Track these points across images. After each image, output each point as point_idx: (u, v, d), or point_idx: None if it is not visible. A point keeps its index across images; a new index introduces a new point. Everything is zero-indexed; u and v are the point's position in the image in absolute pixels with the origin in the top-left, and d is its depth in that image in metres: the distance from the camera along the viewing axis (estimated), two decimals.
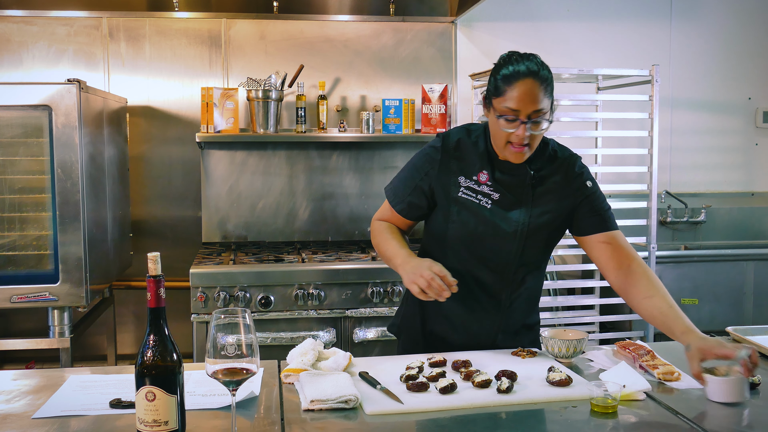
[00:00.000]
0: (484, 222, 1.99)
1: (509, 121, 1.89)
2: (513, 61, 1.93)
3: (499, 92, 1.91)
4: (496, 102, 1.92)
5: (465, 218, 2.00)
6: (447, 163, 2.03)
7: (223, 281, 3.15)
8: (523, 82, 1.88)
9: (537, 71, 1.89)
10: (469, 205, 2.00)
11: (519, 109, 1.88)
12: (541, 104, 1.88)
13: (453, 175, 2.02)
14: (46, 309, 3.10)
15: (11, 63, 3.77)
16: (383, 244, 2.08)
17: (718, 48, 4.38)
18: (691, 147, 4.39)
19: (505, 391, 1.65)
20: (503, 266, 2.04)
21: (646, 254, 3.62)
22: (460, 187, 2.01)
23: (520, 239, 2.01)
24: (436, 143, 2.07)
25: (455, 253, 2.04)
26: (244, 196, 3.93)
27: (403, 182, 2.11)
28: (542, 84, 1.89)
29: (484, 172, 2.01)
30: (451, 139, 2.05)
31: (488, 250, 2.02)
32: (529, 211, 2.01)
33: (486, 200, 2.00)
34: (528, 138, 1.90)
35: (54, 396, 1.67)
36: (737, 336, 2.10)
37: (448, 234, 2.03)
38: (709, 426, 1.50)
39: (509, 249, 2.01)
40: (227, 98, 3.65)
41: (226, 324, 1.37)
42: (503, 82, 1.90)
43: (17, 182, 3.04)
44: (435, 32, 4.06)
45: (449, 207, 2.02)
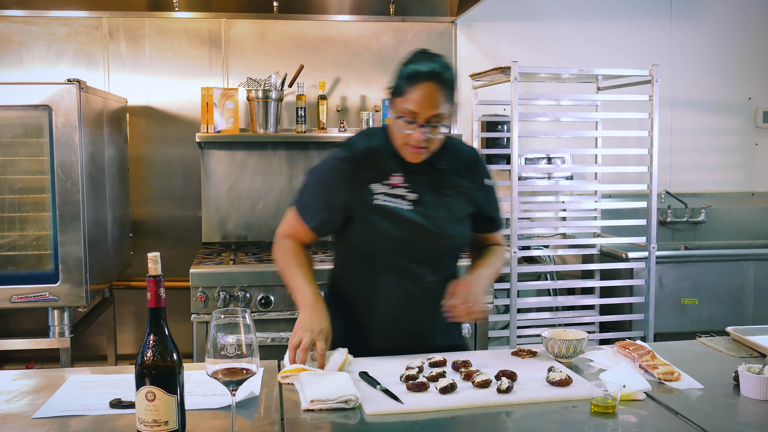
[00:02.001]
0: (408, 224, 1.96)
1: (407, 122, 1.88)
2: (417, 61, 1.91)
3: (400, 92, 1.89)
4: (397, 102, 1.91)
5: (389, 225, 1.95)
6: (358, 173, 1.98)
7: (223, 281, 3.15)
8: (425, 85, 1.86)
9: (440, 73, 1.88)
10: (390, 210, 1.96)
11: (417, 111, 1.86)
12: (440, 109, 1.88)
13: (366, 184, 1.97)
14: (46, 309, 3.10)
15: (11, 63, 3.77)
16: (288, 271, 2.01)
17: (718, 48, 4.38)
18: (691, 147, 4.39)
19: (505, 391, 1.65)
20: (435, 264, 2.02)
21: (646, 254, 3.62)
22: (376, 194, 1.97)
23: (446, 234, 2.00)
24: (341, 154, 2.01)
25: (383, 261, 1.99)
26: (244, 196, 3.93)
27: (314, 199, 2.03)
28: (444, 88, 1.88)
29: (397, 174, 1.98)
30: (357, 147, 2.00)
31: (419, 251, 1.99)
32: (449, 206, 2.01)
33: (405, 202, 1.97)
34: (425, 141, 1.89)
35: (54, 396, 1.67)
36: (737, 336, 2.10)
37: (375, 243, 1.98)
38: (709, 426, 1.50)
39: (437, 245, 2.00)
40: (227, 98, 3.65)
41: (226, 324, 1.37)
42: (405, 82, 1.89)
43: (17, 182, 3.04)
44: (435, 32, 4.06)
45: (370, 216, 1.97)
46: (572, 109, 4.05)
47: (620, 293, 3.79)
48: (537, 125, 4.03)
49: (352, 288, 2.07)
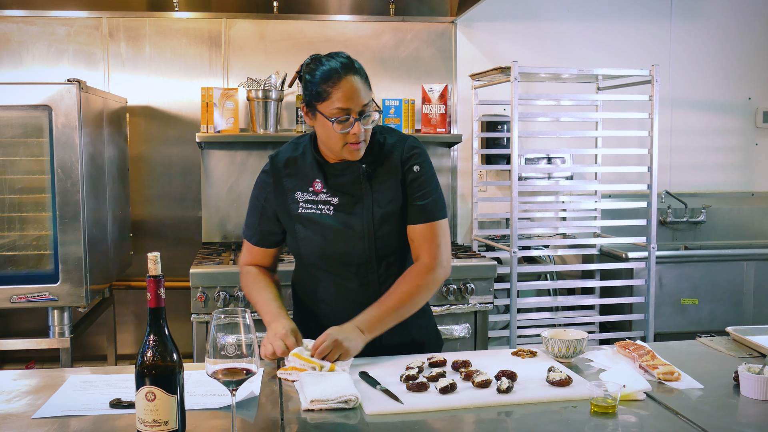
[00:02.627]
0: (330, 230, 1.97)
1: (342, 122, 1.88)
2: (324, 62, 1.91)
3: (323, 96, 1.88)
4: (322, 107, 1.88)
5: (311, 232, 1.98)
6: (280, 184, 2.02)
7: (223, 281, 3.15)
8: (346, 80, 1.87)
9: (352, 65, 1.90)
10: (312, 217, 1.98)
11: (349, 107, 1.87)
12: (368, 97, 1.90)
13: (289, 193, 2.00)
14: (46, 309, 3.10)
15: (11, 63, 3.77)
16: (252, 296, 2.07)
17: (718, 48, 4.38)
18: (691, 147, 4.39)
19: (505, 391, 1.65)
20: (365, 266, 2.00)
21: (646, 254, 3.62)
22: (299, 203, 1.99)
23: (371, 235, 1.97)
24: (266, 167, 2.06)
25: (315, 268, 2.03)
26: (244, 196, 3.92)
27: (250, 214, 2.10)
28: (361, 77, 1.90)
29: (317, 180, 1.99)
30: (280, 158, 2.04)
31: (344, 255, 1.98)
32: (372, 206, 1.97)
33: (327, 207, 1.98)
34: (363, 134, 1.90)
35: (54, 396, 1.67)
36: (737, 336, 2.10)
37: (301, 252, 2.02)
38: (709, 426, 1.50)
39: (363, 248, 1.97)
40: (227, 98, 3.65)
41: (226, 324, 1.37)
42: (324, 85, 1.87)
43: (17, 182, 3.04)
44: (435, 32, 4.06)
45: (294, 226, 2.01)
46: (572, 109, 4.05)
47: (620, 293, 3.79)
48: (537, 125, 4.03)
49: (301, 291, 2.15)
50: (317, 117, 1.92)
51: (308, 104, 1.94)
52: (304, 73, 1.95)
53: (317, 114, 1.91)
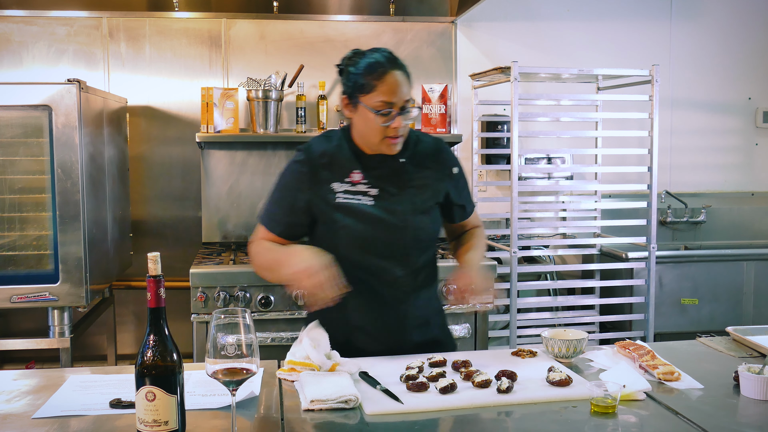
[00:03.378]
0: (371, 220, 1.98)
1: (384, 114, 1.91)
2: (368, 55, 1.96)
3: (368, 88, 1.92)
4: (365, 99, 1.93)
5: (351, 221, 1.97)
6: (317, 174, 2.00)
7: (223, 281, 3.15)
8: (391, 74, 1.92)
9: (397, 60, 1.95)
10: (352, 207, 1.98)
11: (392, 101, 1.91)
12: (409, 93, 1.95)
13: (326, 184, 2.00)
14: (46, 309, 3.10)
15: (11, 63, 3.77)
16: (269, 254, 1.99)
17: (718, 48, 4.38)
18: (691, 147, 4.39)
19: (505, 391, 1.65)
20: (401, 257, 2.02)
21: (646, 254, 3.62)
22: (337, 193, 1.99)
23: (410, 227, 2.01)
24: (299, 157, 2.03)
25: (350, 258, 1.99)
26: (244, 196, 3.93)
27: (277, 204, 2.05)
28: (405, 73, 1.95)
29: (355, 171, 2.00)
30: (314, 149, 2.03)
31: (384, 245, 2.00)
32: (412, 198, 2.02)
33: (366, 198, 1.99)
34: (403, 128, 1.94)
35: (54, 396, 1.67)
36: (737, 336, 2.10)
37: (340, 242, 1.99)
38: (709, 426, 1.50)
39: (402, 238, 2.01)
40: (227, 98, 3.65)
41: (226, 324, 1.37)
42: (369, 77, 1.92)
43: (17, 182, 3.04)
44: (435, 32, 4.06)
45: (333, 215, 1.98)
46: (572, 109, 4.05)
47: (620, 293, 3.79)
48: (537, 125, 4.03)
49: None
50: (358, 109, 1.96)
51: (350, 96, 1.97)
52: (346, 65, 1.98)
53: (359, 106, 1.95)
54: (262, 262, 2.04)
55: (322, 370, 1.76)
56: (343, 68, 2.00)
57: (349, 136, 2.04)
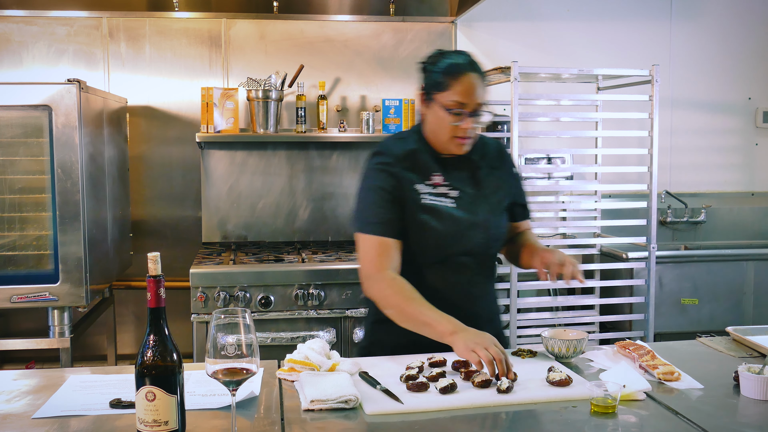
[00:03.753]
0: (455, 221, 2.02)
1: (456, 114, 1.95)
2: (450, 56, 2.00)
3: (444, 86, 1.96)
4: (440, 96, 1.97)
5: (437, 222, 2.00)
6: (403, 174, 2.02)
7: (223, 281, 3.15)
8: (468, 76, 1.96)
9: (476, 64, 2.00)
10: (437, 208, 2.01)
11: (466, 102, 1.95)
12: (483, 98, 1.98)
13: (412, 184, 2.02)
14: (46, 309, 3.10)
15: (11, 63, 3.77)
16: (407, 307, 1.90)
17: (718, 48, 4.38)
18: (691, 147, 4.39)
19: (505, 391, 1.65)
20: (481, 257, 2.08)
21: (646, 254, 3.62)
22: (422, 194, 2.01)
23: (491, 226, 2.07)
24: (384, 159, 2.03)
25: (432, 257, 2.02)
26: (244, 196, 3.93)
27: (375, 205, 2.00)
28: (482, 78, 2.00)
29: (437, 174, 2.04)
30: (395, 149, 2.05)
31: (465, 245, 2.04)
32: (488, 199, 2.08)
33: (448, 200, 2.03)
34: (472, 130, 1.98)
35: (54, 396, 1.67)
36: (737, 336, 2.10)
37: (424, 241, 2.00)
38: (709, 426, 1.50)
39: (484, 239, 2.06)
40: (227, 98, 3.65)
41: (226, 324, 1.37)
42: (447, 77, 1.96)
43: (17, 182, 3.04)
44: (435, 32, 4.06)
45: (419, 216, 2.00)
46: (572, 109, 4.05)
47: (620, 293, 3.79)
48: (537, 125, 4.03)
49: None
50: (432, 106, 2.00)
51: (426, 92, 2.02)
52: (427, 63, 2.04)
53: (433, 103, 1.99)
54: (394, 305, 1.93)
55: (322, 370, 1.76)
56: (425, 65, 2.04)
57: (423, 137, 2.07)
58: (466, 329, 1.81)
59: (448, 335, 1.81)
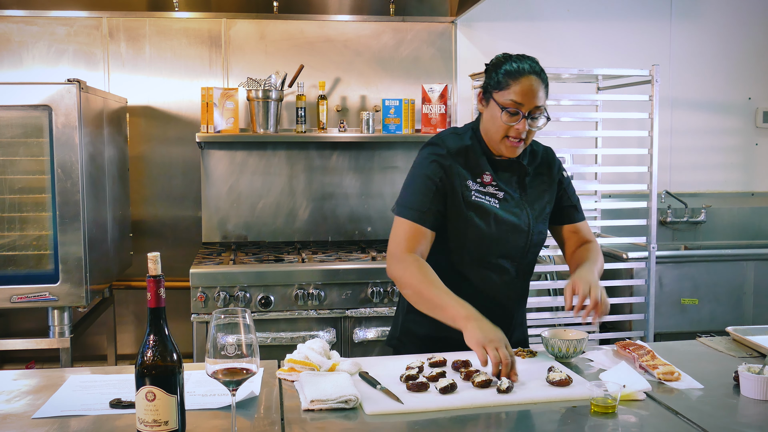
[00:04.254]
0: (499, 221, 2.03)
1: (511, 114, 1.97)
2: (516, 59, 2.04)
3: (503, 86, 1.99)
4: (498, 95, 1.99)
5: (482, 221, 2.02)
6: (455, 168, 2.04)
7: (223, 281, 3.15)
8: (527, 78, 1.98)
9: (540, 70, 2.03)
10: (484, 207, 2.03)
11: (522, 102, 1.96)
12: (542, 101, 1.99)
13: (463, 179, 2.03)
14: (46, 309, 3.10)
15: (11, 63, 3.77)
16: (428, 289, 1.90)
17: (718, 48, 4.38)
18: (691, 147, 4.39)
19: (505, 391, 1.65)
20: (519, 260, 2.10)
21: (646, 254, 3.62)
22: (472, 191, 2.03)
23: (532, 231, 2.08)
24: (439, 150, 2.05)
25: (473, 255, 2.04)
26: (244, 196, 3.93)
27: (419, 193, 2.01)
28: (543, 83, 2.01)
29: (487, 173, 2.06)
30: (450, 143, 2.07)
31: (506, 246, 2.06)
32: (533, 203, 2.10)
33: (494, 200, 2.05)
34: (525, 132, 1.98)
35: (54, 396, 1.67)
36: (737, 336, 2.10)
37: (468, 237, 2.02)
38: (709, 426, 1.50)
39: (524, 242, 2.08)
40: (227, 98, 3.65)
41: (226, 324, 1.37)
42: (507, 77, 1.99)
43: (17, 182, 3.04)
44: (435, 32, 4.06)
45: (466, 212, 2.02)
46: (572, 109, 4.05)
47: (620, 293, 3.79)
48: None
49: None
50: (490, 104, 2.02)
51: (485, 90, 2.05)
52: (492, 63, 2.07)
53: (491, 101, 2.02)
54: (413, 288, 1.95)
55: (322, 370, 1.76)
56: (489, 66, 2.07)
57: (479, 135, 2.09)
58: (481, 318, 1.81)
59: (461, 319, 1.82)
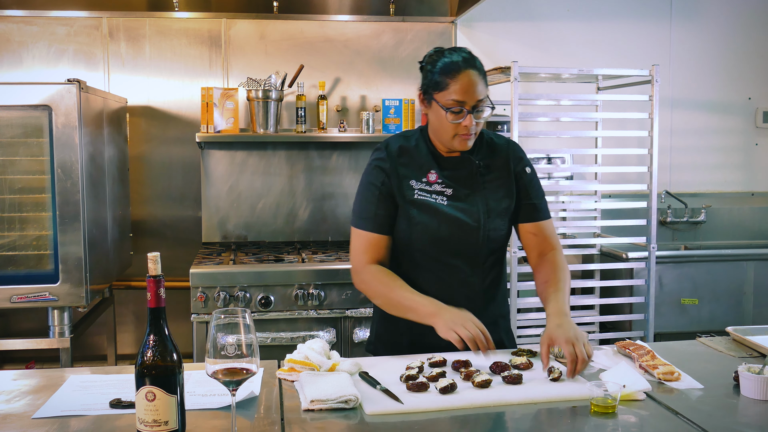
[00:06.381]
0: (445, 219, 2.03)
1: (456, 113, 1.96)
2: (446, 55, 2.00)
3: (442, 86, 1.97)
4: (439, 96, 1.98)
5: (426, 218, 2.02)
6: (396, 170, 2.05)
7: (223, 281, 3.15)
8: (465, 74, 1.96)
9: (474, 60, 1.99)
10: (427, 204, 2.03)
11: (464, 100, 1.95)
12: (483, 93, 1.98)
13: (405, 180, 2.05)
14: (46, 309, 3.10)
15: (11, 63, 3.77)
16: (394, 293, 1.98)
17: (718, 48, 4.38)
18: (691, 147, 4.39)
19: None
20: (473, 258, 2.07)
21: (646, 254, 3.62)
22: (414, 190, 2.04)
23: (483, 227, 2.05)
24: (380, 154, 2.09)
25: (424, 255, 2.05)
26: (244, 196, 3.93)
27: (366, 201, 2.07)
28: (480, 73, 1.99)
29: (432, 171, 2.06)
30: (393, 147, 2.09)
31: (456, 244, 2.04)
32: (485, 199, 2.06)
33: (441, 198, 2.04)
34: (474, 127, 1.98)
35: (54, 396, 1.67)
36: (737, 336, 2.10)
37: (413, 237, 2.04)
38: (709, 426, 1.50)
39: (475, 239, 2.05)
40: (227, 98, 3.65)
41: (226, 324, 1.37)
42: (444, 76, 1.97)
43: (17, 182, 3.04)
44: (435, 32, 4.06)
45: (409, 210, 2.03)
46: (572, 109, 4.05)
47: (620, 293, 3.79)
48: (537, 125, 4.03)
49: None
50: (432, 105, 2.02)
51: (425, 92, 2.04)
52: (426, 63, 2.04)
53: (433, 102, 2.01)
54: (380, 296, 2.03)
55: (322, 370, 1.76)
56: (423, 66, 2.05)
57: (426, 135, 2.10)
58: (447, 309, 1.88)
59: (430, 317, 1.89)
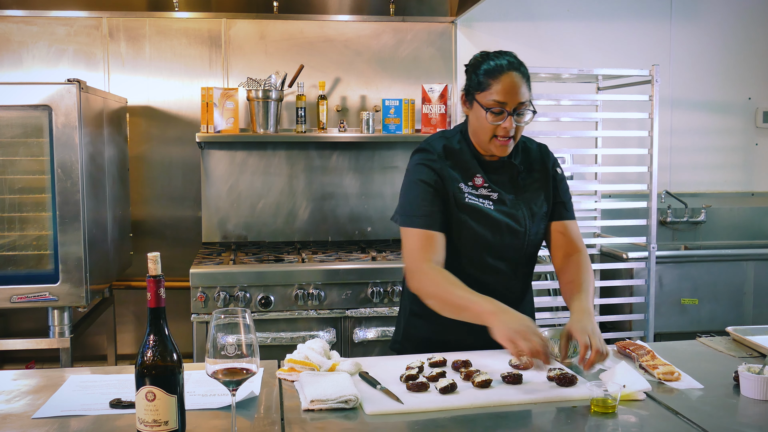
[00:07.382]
0: (495, 223, 2.02)
1: (496, 114, 1.96)
2: (493, 57, 2.00)
3: (484, 87, 1.97)
4: (480, 96, 1.98)
5: (476, 223, 2.01)
6: (447, 171, 2.03)
7: (223, 281, 3.15)
8: (508, 75, 1.95)
9: (519, 64, 1.99)
10: (477, 209, 2.02)
11: (506, 101, 1.95)
12: (525, 97, 1.97)
13: (455, 182, 2.03)
14: (46, 309, 3.10)
15: (11, 63, 3.77)
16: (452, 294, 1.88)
17: (718, 48, 4.38)
18: (691, 147, 4.39)
19: (513, 381, 1.65)
20: (516, 261, 2.08)
21: (646, 254, 3.62)
22: (465, 193, 2.03)
23: (528, 232, 2.06)
24: (428, 155, 2.04)
25: (468, 259, 2.04)
26: (244, 196, 3.93)
27: (419, 199, 2.00)
28: (524, 77, 1.99)
29: (478, 175, 2.05)
30: (439, 147, 2.06)
31: (502, 248, 2.05)
32: (528, 203, 2.07)
33: (488, 202, 2.03)
34: (513, 130, 1.98)
35: (54, 396, 1.67)
36: (737, 336, 2.10)
37: (461, 240, 2.02)
38: (709, 426, 1.50)
39: (521, 243, 2.07)
40: (227, 98, 3.65)
41: (226, 324, 1.37)
42: (487, 77, 1.96)
43: (17, 182, 3.04)
44: (435, 32, 4.06)
45: (459, 214, 2.02)
46: (572, 109, 4.05)
47: (620, 293, 3.79)
48: (537, 125, 4.03)
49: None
50: (474, 106, 2.01)
51: (467, 93, 2.03)
52: (470, 64, 2.03)
53: (474, 103, 2.00)
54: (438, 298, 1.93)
55: (322, 370, 1.76)
56: (468, 67, 2.05)
57: (467, 137, 2.08)
58: (507, 311, 1.81)
59: (488, 315, 1.80)
